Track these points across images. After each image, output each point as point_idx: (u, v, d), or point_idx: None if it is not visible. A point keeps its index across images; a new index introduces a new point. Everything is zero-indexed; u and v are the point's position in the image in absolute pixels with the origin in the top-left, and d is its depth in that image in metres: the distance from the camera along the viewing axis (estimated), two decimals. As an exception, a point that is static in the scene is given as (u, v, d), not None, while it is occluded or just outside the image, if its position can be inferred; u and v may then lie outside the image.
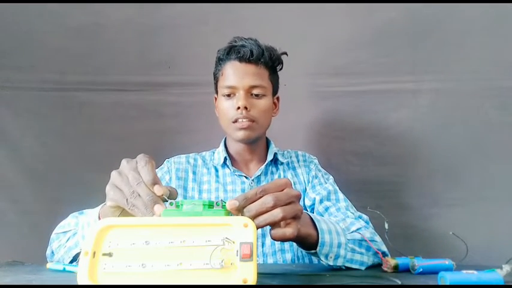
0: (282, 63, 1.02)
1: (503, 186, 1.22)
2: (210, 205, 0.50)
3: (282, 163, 1.03)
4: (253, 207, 0.52)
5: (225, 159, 1.00)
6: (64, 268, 0.66)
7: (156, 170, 0.85)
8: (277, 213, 0.52)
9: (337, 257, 0.68)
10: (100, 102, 1.31)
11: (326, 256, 0.67)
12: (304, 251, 0.69)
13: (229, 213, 0.51)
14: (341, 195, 0.97)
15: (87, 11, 1.30)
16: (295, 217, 0.55)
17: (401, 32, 1.29)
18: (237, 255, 0.43)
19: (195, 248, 0.44)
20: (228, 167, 1.00)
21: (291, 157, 1.07)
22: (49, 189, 1.26)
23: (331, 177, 1.04)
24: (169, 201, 0.52)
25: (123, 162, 0.56)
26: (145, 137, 1.30)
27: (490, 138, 1.24)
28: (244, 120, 0.93)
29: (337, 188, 1.00)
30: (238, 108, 0.92)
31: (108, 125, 1.31)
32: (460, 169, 1.25)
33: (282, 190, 0.54)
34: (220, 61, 0.98)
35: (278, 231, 0.54)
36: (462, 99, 1.26)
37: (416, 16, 1.28)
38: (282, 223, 0.54)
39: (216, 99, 1.04)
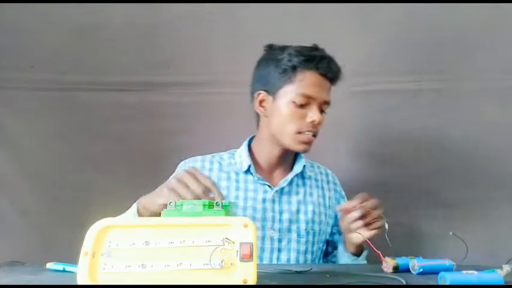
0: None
1: (503, 186, 1.22)
2: (210, 205, 0.50)
3: (309, 177, 0.99)
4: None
5: (249, 166, 0.94)
6: (64, 268, 0.66)
7: (171, 176, 0.87)
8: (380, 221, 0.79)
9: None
10: (100, 102, 1.31)
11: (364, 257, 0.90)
12: (351, 255, 0.88)
13: (229, 213, 0.50)
14: None
15: (87, 11, 1.30)
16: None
17: (402, 32, 1.29)
18: (237, 256, 0.43)
19: (195, 248, 0.44)
20: (251, 174, 0.94)
21: (321, 173, 1.03)
22: (49, 189, 1.26)
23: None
24: (170, 201, 0.52)
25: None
26: (145, 137, 1.30)
27: (490, 138, 1.24)
28: (310, 134, 0.89)
29: None
30: (312, 121, 0.87)
31: (108, 125, 1.31)
32: (460, 169, 1.25)
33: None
34: (297, 66, 0.89)
35: (377, 225, 0.78)
36: (462, 99, 1.26)
37: (416, 16, 1.28)
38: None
39: (259, 96, 0.93)
